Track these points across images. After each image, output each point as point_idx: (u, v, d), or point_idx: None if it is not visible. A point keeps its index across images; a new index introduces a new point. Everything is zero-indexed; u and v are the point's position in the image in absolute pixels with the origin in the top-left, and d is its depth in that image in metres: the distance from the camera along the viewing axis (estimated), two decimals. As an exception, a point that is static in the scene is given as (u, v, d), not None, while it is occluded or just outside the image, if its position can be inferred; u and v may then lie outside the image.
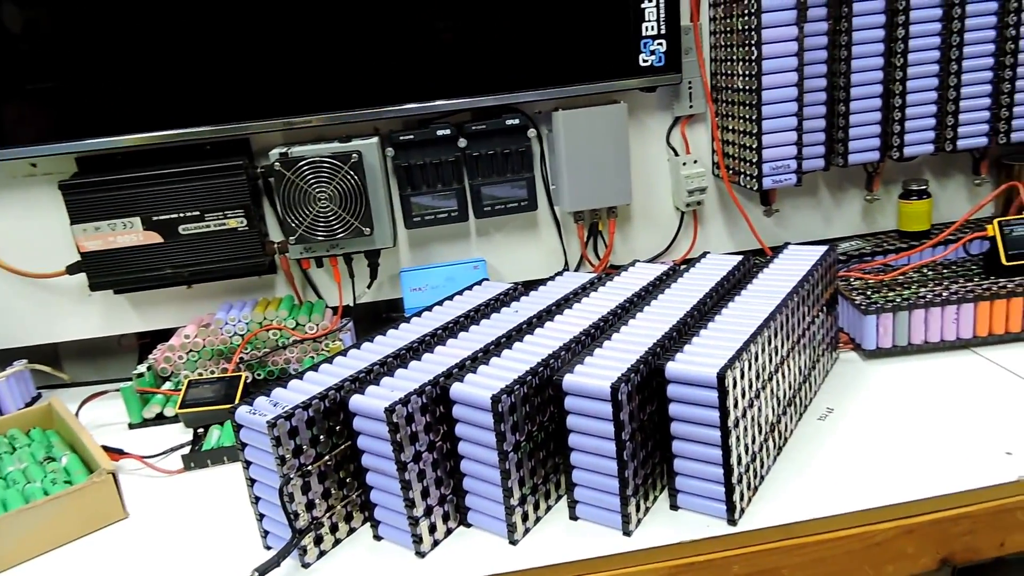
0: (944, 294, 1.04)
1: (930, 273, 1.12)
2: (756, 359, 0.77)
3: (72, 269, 1.19)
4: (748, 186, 1.19)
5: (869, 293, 1.07)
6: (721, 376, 0.70)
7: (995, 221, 1.08)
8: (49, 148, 1.12)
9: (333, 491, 0.76)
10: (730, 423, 0.71)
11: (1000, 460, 0.80)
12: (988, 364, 1.01)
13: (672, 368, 0.73)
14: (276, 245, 1.20)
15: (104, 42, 1.09)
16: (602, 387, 0.70)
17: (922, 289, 1.06)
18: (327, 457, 0.75)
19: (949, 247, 1.20)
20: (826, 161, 1.21)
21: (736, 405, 0.72)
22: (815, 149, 1.18)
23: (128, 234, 1.15)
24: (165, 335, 1.23)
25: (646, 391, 0.75)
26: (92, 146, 1.13)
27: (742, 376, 0.73)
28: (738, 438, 0.73)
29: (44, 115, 1.12)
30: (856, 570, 0.77)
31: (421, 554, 0.74)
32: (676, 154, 1.27)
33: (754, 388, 0.77)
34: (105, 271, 1.17)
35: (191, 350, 1.15)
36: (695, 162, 1.25)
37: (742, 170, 1.19)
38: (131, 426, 1.10)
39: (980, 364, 1.01)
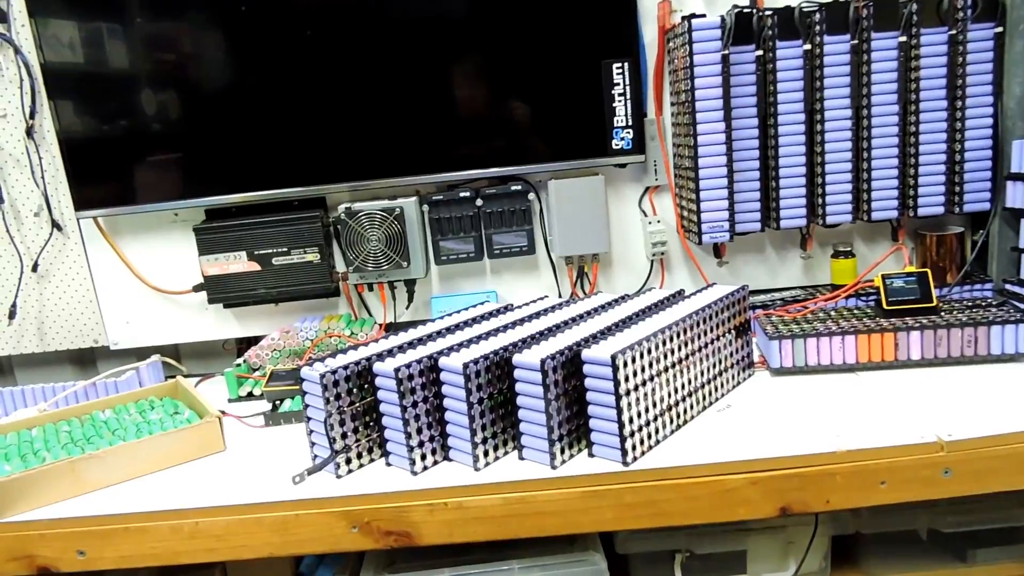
0: (833, 328, 1.35)
1: (833, 313, 1.43)
2: (649, 352, 1.11)
3: (197, 288, 1.64)
4: (693, 241, 1.54)
5: (779, 325, 1.39)
6: (614, 357, 1.05)
7: (880, 275, 1.39)
8: (189, 203, 1.59)
9: (360, 429, 1.14)
10: (621, 391, 1.06)
11: (830, 440, 1.11)
12: (859, 381, 1.30)
13: (585, 353, 1.08)
14: (340, 274, 1.63)
15: (229, 132, 1.57)
16: (534, 362, 1.06)
17: (820, 324, 1.38)
18: (357, 404, 1.13)
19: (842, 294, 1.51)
20: (762, 224, 1.54)
21: (628, 380, 1.07)
22: (751, 215, 1.53)
23: (237, 263, 1.60)
24: (257, 339, 1.65)
25: (571, 368, 1.10)
26: (217, 202, 1.59)
27: (633, 361, 1.08)
28: (630, 404, 1.08)
29: (186, 180, 1.60)
30: (714, 509, 1.09)
31: (414, 472, 1.11)
32: (645, 215, 1.63)
33: (647, 372, 1.11)
34: (220, 290, 1.62)
35: (275, 349, 1.57)
36: (658, 222, 1.61)
37: (691, 228, 1.55)
38: (230, 400, 1.52)
39: (853, 381, 1.31)
